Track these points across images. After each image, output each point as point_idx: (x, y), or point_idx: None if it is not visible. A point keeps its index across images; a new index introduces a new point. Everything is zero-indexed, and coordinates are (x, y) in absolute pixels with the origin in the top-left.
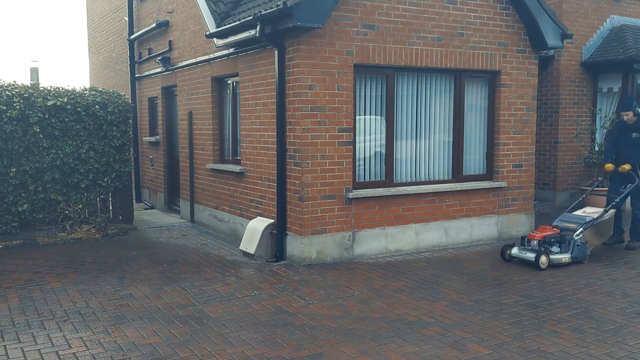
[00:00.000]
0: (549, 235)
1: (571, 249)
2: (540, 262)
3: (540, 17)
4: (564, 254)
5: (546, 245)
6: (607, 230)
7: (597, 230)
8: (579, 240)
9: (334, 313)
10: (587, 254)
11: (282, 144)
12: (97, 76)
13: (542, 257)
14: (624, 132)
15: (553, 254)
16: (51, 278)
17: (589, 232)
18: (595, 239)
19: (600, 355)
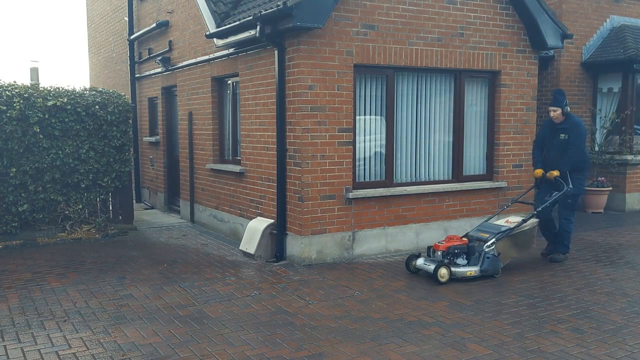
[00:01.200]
0: (453, 246)
1: (481, 262)
2: (438, 275)
3: (540, 17)
4: (472, 266)
5: (450, 256)
6: (528, 241)
7: (515, 241)
8: (491, 252)
9: (334, 313)
10: (499, 267)
11: (282, 144)
12: (97, 76)
13: (441, 269)
14: (551, 132)
15: (457, 267)
16: (51, 278)
17: (504, 243)
18: (514, 250)
19: (600, 355)
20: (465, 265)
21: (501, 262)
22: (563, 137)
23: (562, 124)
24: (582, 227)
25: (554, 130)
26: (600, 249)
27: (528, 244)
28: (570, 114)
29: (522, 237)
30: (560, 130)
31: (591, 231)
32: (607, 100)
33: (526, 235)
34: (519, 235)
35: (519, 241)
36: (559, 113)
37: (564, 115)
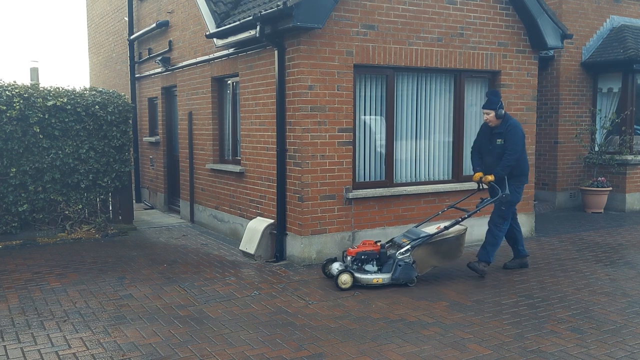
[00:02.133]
0: (360, 252)
1: (393, 269)
2: (338, 281)
3: (540, 17)
4: (383, 274)
5: (358, 262)
6: (453, 250)
7: (438, 249)
8: (405, 259)
9: (334, 313)
10: (413, 275)
11: (282, 144)
12: (97, 76)
13: (342, 275)
14: (488, 137)
15: (365, 273)
16: (51, 278)
17: (425, 251)
18: (435, 259)
19: (600, 356)
20: (375, 272)
21: (417, 270)
22: (499, 142)
23: (498, 127)
24: (582, 227)
25: (491, 134)
26: (600, 249)
27: (453, 252)
28: (506, 117)
29: (445, 245)
30: (497, 135)
31: (591, 231)
32: (607, 100)
33: (450, 243)
34: (441, 243)
35: (442, 249)
36: (492, 116)
37: (498, 119)
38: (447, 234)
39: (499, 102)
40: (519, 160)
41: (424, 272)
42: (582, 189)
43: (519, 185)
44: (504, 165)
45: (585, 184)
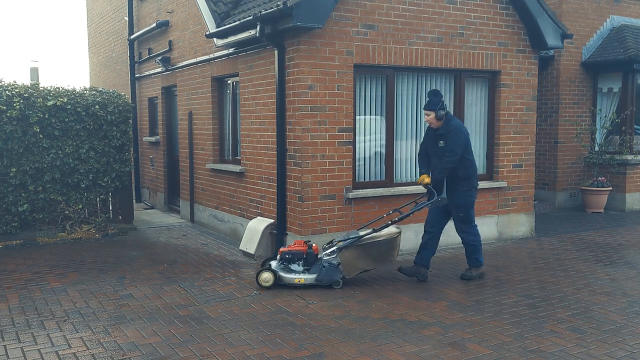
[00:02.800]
0: (285, 252)
1: (319, 270)
2: (259, 279)
3: (540, 17)
4: (308, 274)
5: (284, 261)
6: (385, 253)
7: (368, 252)
8: (331, 260)
9: (334, 313)
10: (337, 278)
11: (282, 144)
12: (97, 76)
13: (262, 274)
14: (432, 138)
15: (290, 272)
16: (51, 278)
17: (353, 253)
18: (365, 262)
19: (600, 355)
20: (301, 272)
21: (343, 272)
22: (442, 144)
23: (441, 129)
24: (582, 227)
25: (435, 136)
26: (600, 248)
27: (385, 256)
28: (448, 118)
29: (375, 248)
30: (439, 137)
31: (591, 231)
32: (607, 100)
33: (380, 246)
34: (371, 246)
35: (372, 253)
36: (432, 117)
37: (439, 120)
38: (377, 237)
39: (439, 102)
40: (464, 162)
41: (352, 274)
42: (582, 188)
43: (468, 188)
44: (441, 168)
45: (585, 183)
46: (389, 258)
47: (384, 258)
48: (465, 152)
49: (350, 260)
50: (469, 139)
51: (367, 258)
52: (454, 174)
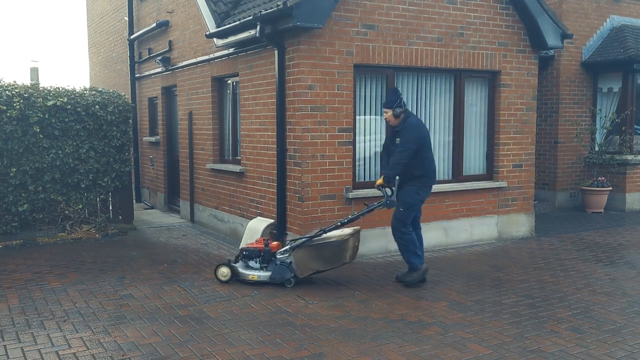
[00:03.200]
0: (244, 249)
1: (273, 268)
2: (217, 273)
3: (540, 17)
4: (263, 271)
5: (243, 258)
6: (337, 255)
7: (319, 253)
8: (285, 259)
9: (334, 313)
10: (288, 277)
11: (282, 144)
12: (97, 76)
13: (220, 268)
14: (391, 136)
15: (247, 269)
16: (51, 278)
17: (305, 253)
18: (317, 263)
19: (600, 355)
20: (256, 269)
21: (296, 272)
22: (398, 141)
23: (398, 126)
24: (582, 227)
25: (393, 134)
26: (600, 248)
27: (337, 257)
28: (406, 115)
29: (327, 249)
30: (396, 134)
31: (591, 231)
32: (607, 100)
33: (332, 247)
34: (322, 246)
35: (324, 253)
36: (390, 115)
37: (396, 117)
38: (327, 237)
39: (396, 100)
40: (421, 160)
41: (304, 274)
42: (582, 188)
43: (420, 187)
44: (393, 163)
45: (586, 183)
46: (341, 259)
47: (337, 259)
48: (423, 149)
49: (303, 260)
50: (426, 137)
51: (319, 259)
52: (410, 172)
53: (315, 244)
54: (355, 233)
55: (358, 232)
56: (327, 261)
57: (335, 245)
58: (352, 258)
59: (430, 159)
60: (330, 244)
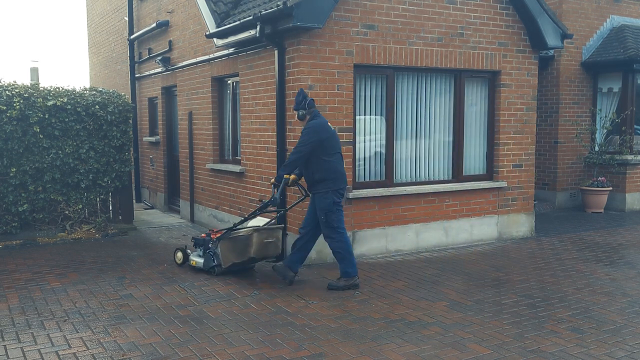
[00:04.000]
0: (193, 236)
1: (205, 256)
2: (174, 256)
3: (540, 17)
4: (200, 258)
5: (194, 245)
6: (243, 249)
7: (234, 246)
8: (213, 249)
9: (334, 313)
10: (212, 265)
11: (282, 144)
12: (97, 76)
13: (177, 253)
14: None
15: (194, 256)
16: (51, 278)
17: (224, 245)
18: (233, 255)
19: (600, 355)
20: (198, 256)
21: (220, 262)
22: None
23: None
24: (582, 227)
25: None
26: (600, 248)
27: (244, 252)
28: (313, 116)
29: (238, 242)
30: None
31: (591, 231)
32: (607, 100)
33: (240, 242)
34: (235, 240)
35: (236, 247)
36: (296, 117)
37: (301, 119)
38: (237, 232)
39: (301, 102)
40: (320, 164)
41: (226, 265)
42: (582, 188)
43: (325, 191)
44: (285, 164)
45: (586, 183)
46: (246, 254)
47: (243, 254)
48: (321, 153)
49: (224, 252)
50: (326, 140)
51: (233, 251)
52: (311, 176)
53: (231, 236)
54: (262, 230)
55: (270, 230)
56: (239, 255)
57: (241, 240)
58: (258, 255)
59: (333, 162)
60: (239, 238)
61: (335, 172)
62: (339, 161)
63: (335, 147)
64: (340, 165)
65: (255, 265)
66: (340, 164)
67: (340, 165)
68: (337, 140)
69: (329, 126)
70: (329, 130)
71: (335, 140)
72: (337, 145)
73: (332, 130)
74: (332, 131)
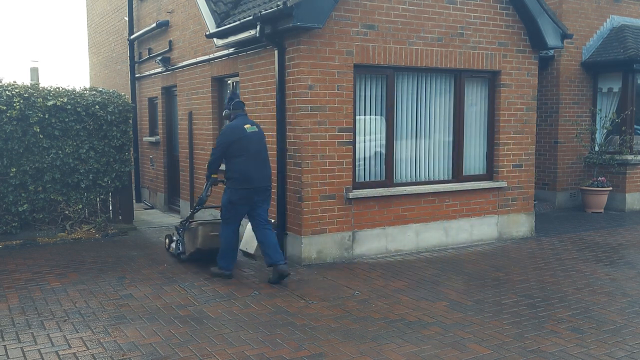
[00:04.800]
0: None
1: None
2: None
3: (540, 17)
4: (174, 244)
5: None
6: (194, 240)
7: (190, 235)
8: (181, 237)
9: (334, 313)
10: (178, 252)
11: (282, 144)
12: (97, 76)
13: (166, 239)
14: None
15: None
16: (51, 278)
17: (187, 235)
18: (190, 245)
19: (600, 355)
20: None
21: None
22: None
23: None
24: (582, 227)
25: None
26: (600, 248)
27: (193, 242)
28: (234, 118)
29: (190, 233)
30: None
31: (591, 231)
32: (607, 100)
33: (194, 232)
34: (190, 230)
35: (190, 236)
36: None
37: (225, 118)
38: (190, 224)
39: (228, 105)
40: (231, 164)
41: (188, 253)
42: (582, 188)
43: (231, 189)
44: (207, 165)
45: (586, 183)
46: (195, 244)
47: (193, 244)
48: (230, 153)
49: (186, 240)
50: (235, 142)
51: (190, 241)
52: (226, 174)
53: (190, 227)
54: (207, 223)
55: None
56: (191, 244)
57: (191, 231)
58: (204, 246)
59: (242, 163)
60: (191, 229)
61: (239, 172)
62: (246, 162)
63: (246, 148)
64: (245, 166)
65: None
66: (247, 165)
67: (246, 166)
68: (249, 142)
69: (243, 129)
70: (238, 133)
71: (247, 142)
72: (249, 147)
73: (245, 133)
74: (245, 134)
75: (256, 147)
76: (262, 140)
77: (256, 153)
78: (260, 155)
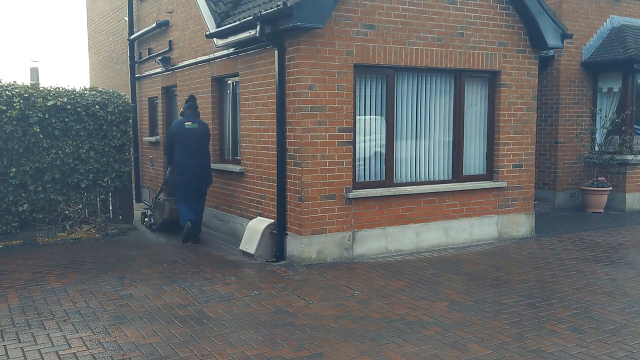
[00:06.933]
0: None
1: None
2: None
3: (541, 17)
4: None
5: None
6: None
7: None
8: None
9: (334, 313)
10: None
11: (282, 144)
12: (97, 76)
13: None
14: None
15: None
16: (51, 278)
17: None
18: (159, 216)
19: (600, 355)
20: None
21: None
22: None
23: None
24: (582, 227)
25: None
26: (600, 248)
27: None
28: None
29: (159, 208)
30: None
31: (591, 231)
32: (607, 100)
33: (160, 207)
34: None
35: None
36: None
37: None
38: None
39: (184, 105)
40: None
41: (158, 223)
42: (582, 188)
43: (174, 173)
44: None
45: (586, 183)
46: (162, 216)
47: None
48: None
49: (156, 214)
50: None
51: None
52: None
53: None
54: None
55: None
56: (160, 216)
57: (160, 206)
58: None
59: (179, 153)
60: (159, 204)
61: (180, 163)
62: (182, 153)
63: (183, 142)
64: (181, 156)
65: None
66: (183, 155)
67: (183, 156)
68: (185, 137)
69: (183, 125)
70: (177, 128)
71: (183, 136)
72: (186, 142)
73: (183, 129)
74: (183, 130)
75: (191, 141)
76: (200, 135)
77: (191, 145)
78: (196, 148)
